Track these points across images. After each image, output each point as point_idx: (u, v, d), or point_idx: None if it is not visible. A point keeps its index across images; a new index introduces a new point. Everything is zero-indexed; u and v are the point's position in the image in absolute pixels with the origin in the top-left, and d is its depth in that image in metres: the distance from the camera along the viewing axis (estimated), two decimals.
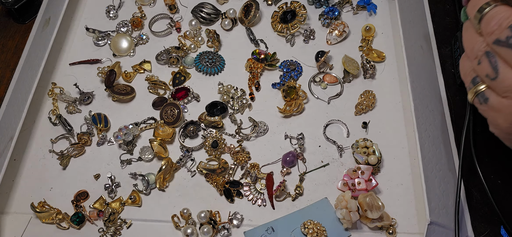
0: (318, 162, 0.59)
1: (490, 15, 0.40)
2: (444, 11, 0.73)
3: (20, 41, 0.75)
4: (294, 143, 0.60)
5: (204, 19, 0.72)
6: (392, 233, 0.53)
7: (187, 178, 0.59)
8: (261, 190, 0.57)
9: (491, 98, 0.41)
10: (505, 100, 0.40)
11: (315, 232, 0.52)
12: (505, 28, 0.39)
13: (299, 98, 0.63)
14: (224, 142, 0.60)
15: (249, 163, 0.59)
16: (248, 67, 0.67)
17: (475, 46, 0.42)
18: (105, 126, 0.62)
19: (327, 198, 0.56)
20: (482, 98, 0.42)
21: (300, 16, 0.70)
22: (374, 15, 0.72)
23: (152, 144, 0.59)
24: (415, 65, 0.62)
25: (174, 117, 0.62)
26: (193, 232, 0.53)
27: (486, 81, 0.41)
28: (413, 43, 0.64)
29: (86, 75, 0.69)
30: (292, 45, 0.70)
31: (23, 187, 0.59)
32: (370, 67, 0.65)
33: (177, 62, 0.68)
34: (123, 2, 0.76)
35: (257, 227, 0.54)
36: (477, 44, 0.42)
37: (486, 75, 0.40)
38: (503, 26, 0.39)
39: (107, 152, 0.61)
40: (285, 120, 0.63)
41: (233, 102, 0.64)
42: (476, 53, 0.41)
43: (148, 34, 0.73)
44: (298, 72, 0.67)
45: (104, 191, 0.58)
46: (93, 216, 0.55)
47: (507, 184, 0.57)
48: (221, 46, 0.71)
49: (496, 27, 0.39)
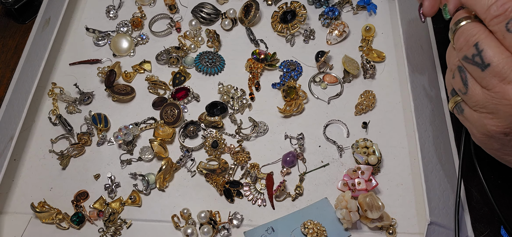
0: (318, 162, 0.59)
1: (460, 31, 0.41)
2: None
3: (20, 41, 0.75)
4: (294, 143, 0.60)
5: (204, 19, 0.72)
6: (392, 233, 0.53)
7: (187, 178, 0.59)
8: (261, 190, 0.57)
9: (466, 110, 0.43)
10: (475, 114, 0.41)
11: (315, 232, 0.52)
12: (471, 45, 0.39)
13: (299, 98, 0.63)
14: (224, 142, 0.60)
15: (249, 163, 0.59)
16: (248, 67, 0.67)
17: (451, 59, 0.43)
18: (105, 126, 0.62)
19: (327, 198, 0.56)
20: (459, 109, 0.44)
21: (300, 16, 0.70)
22: (374, 15, 0.72)
23: (152, 144, 0.59)
24: (415, 65, 0.62)
25: (174, 117, 0.62)
26: (193, 232, 0.53)
27: (459, 94, 0.43)
28: (413, 43, 0.64)
29: (86, 75, 0.69)
30: (292, 45, 0.70)
31: (23, 187, 0.59)
32: (370, 67, 0.65)
33: (177, 62, 0.68)
34: (123, 2, 0.76)
35: (257, 227, 0.54)
36: (452, 57, 0.43)
37: (459, 90, 0.42)
38: (470, 43, 0.39)
39: (107, 152, 0.61)
40: (285, 120, 0.63)
41: (233, 102, 0.64)
42: (451, 67, 0.43)
43: (148, 34, 0.73)
44: (298, 72, 0.67)
45: (104, 191, 0.58)
46: (93, 216, 0.55)
47: (507, 184, 0.57)
48: (221, 46, 0.71)
49: (464, 43, 0.40)
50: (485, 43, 0.39)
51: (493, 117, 0.40)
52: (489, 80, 0.38)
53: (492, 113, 0.39)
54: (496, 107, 0.39)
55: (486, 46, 0.39)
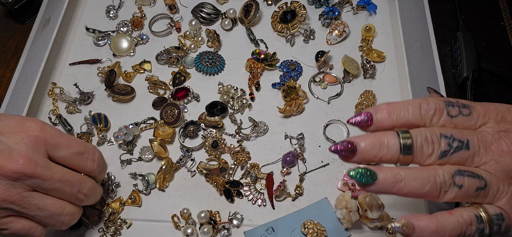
0: (318, 162, 0.59)
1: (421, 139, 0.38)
2: (444, 11, 0.73)
3: (20, 41, 0.75)
4: (294, 143, 0.60)
5: (204, 19, 0.72)
6: (392, 233, 0.53)
7: (187, 178, 0.59)
8: (261, 190, 0.57)
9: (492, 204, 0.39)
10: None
11: (315, 232, 0.52)
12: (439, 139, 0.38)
13: (299, 98, 0.63)
14: (224, 142, 0.60)
15: (249, 163, 0.59)
16: (248, 67, 0.67)
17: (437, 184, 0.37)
18: (105, 126, 0.62)
19: (327, 198, 0.56)
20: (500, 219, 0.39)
21: (300, 16, 0.70)
22: (374, 15, 0.72)
23: (152, 144, 0.59)
24: (415, 65, 0.61)
25: (174, 117, 0.62)
26: (193, 232, 0.53)
27: (478, 197, 0.38)
28: (413, 43, 0.64)
29: (86, 75, 0.69)
30: (292, 45, 0.70)
31: None
32: (370, 67, 0.65)
33: (177, 62, 0.68)
34: (123, 2, 0.76)
35: (257, 227, 0.54)
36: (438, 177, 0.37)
37: (477, 188, 0.37)
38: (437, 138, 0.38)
39: (107, 152, 0.61)
40: (285, 120, 0.63)
41: (233, 102, 0.64)
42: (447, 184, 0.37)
43: (148, 34, 0.73)
44: (298, 72, 0.67)
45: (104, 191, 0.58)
46: (93, 218, 0.55)
47: None
48: (221, 46, 0.71)
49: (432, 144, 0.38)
50: (446, 131, 0.38)
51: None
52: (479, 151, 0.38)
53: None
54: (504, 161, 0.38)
55: (450, 132, 0.38)
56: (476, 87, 0.65)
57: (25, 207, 0.44)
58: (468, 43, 0.65)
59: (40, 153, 0.45)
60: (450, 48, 0.69)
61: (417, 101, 0.40)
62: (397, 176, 0.37)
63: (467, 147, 0.38)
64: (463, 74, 0.63)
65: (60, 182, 0.45)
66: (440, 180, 0.37)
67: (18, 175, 0.43)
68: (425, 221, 0.38)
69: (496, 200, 0.38)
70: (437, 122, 0.39)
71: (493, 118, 0.40)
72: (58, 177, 0.45)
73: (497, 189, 0.38)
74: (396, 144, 0.38)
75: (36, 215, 0.45)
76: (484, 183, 0.37)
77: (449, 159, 0.38)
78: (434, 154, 0.38)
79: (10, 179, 0.43)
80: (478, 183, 0.37)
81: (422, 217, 0.38)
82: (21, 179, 0.43)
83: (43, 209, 0.45)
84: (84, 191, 0.48)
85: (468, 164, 0.38)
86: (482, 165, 0.38)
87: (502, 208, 0.38)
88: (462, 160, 0.38)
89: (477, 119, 0.40)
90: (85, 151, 0.49)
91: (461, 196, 0.38)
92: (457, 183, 0.37)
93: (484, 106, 0.41)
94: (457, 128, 0.39)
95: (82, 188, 0.48)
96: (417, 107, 0.40)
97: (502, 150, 0.38)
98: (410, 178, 0.37)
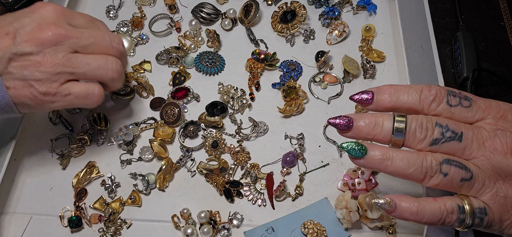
0: (318, 162, 0.59)
1: (413, 127, 0.39)
2: (444, 11, 0.73)
3: None
4: (294, 143, 0.60)
5: (204, 19, 0.72)
6: (392, 233, 0.53)
7: (187, 178, 0.59)
8: (261, 190, 0.57)
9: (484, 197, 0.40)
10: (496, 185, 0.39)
11: (315, 232, 0.52)
12: (433, 127, 0.39)
13: (299, 98, 0.63)
14: (224, 142, 0.60)
15: (249, 163, 0.59)
16: (248, 67, 0.67)
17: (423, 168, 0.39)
18: (105, 126, 0.62)
19: (327, 198, 0.56)
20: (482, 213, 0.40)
21: (300, 16, 0.70)
22: (374, 15, 0.72)
23: (152, 144, 0.59)
24: (415, 65, 0.62)
25: (174, 117, 0.62)
26: (193, 232, 0.53)
27: (462, 187, 0.39)
28: (413, 43, 0.64)
29: None
30: (292, 45, 0.70)
31: (23, 187, 0.59)
32: (370, 67, 0.65)
33: (177, 62, 0.68)
34: (123, 2, 0.76)
35: (257, 227, 0.54)
36: (425, 162, 0.39)
37: (462, 179, 0.39)
38: (432, 126, 0.39)
39: (107, 152, 0.61)
40: (285, 120, 0.63)
41: (233, 102, 0.64)
42: (433, 170, 0.39)
43: (148, 34, 0.73)
44: (298, 72, 0.67)
45: (104, 191, 0.58)
46: (94, 220, 0.55)
47: None
48: (221, 46, 0.71)
49: (425, 131, 0.39)
50: (443, 120, 0.40)
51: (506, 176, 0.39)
52: (472, 145, 0.39)
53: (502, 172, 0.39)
54: (494, 159, 0.39)
55: (446, 122, 0.39)
56: (476, 87, 0.65)
57: (75, 66, 0.50)
58: (468, 43, 0.65)
59: (63, 21, 0.51)
60: (450, 48, 0.69)
61: (420, 86, 0.41)
62: (386, 155, 0.40)
63: (460, 139, 0.39)
64: (463, 74, 0.64)
65: (92, 37, 0.51)
66: (426, 165, 0.39)
67: (55, 38, 0.48)
68: (407, 202, 0.40)
69: (481, 194, 0.39)
70: (435, 108, 0.41)
71: (493, 115, 0.40)
72: (89, 33, 0.51)
73: (482, 184, 0.39)
74: (390, 126, 0.40)
75: (86, 71, 0.50)
76: (470, 175, 0.39)
77: (439, 148, 0.39)
78: (426, 140, 0.39)
79: (51, 46, 0.48)
80: (464, 174, 0.39)
81: (405, 198, 0.40)
82: (59, 41, 0.48)
83: (90, 62, 0.51)
84: (116, 41, 0.54)
85: (458, 155, 0.40)
86: (472, 159, 0.40)
87: (486, 203, 0.39)
88: (452, 150, 0.39)
89: (476, 113, 0.41)
90: (95, 19, 0.56)
91: (445, 184, 0.39)
92: (443, 171, 0.39)
93: (486, 102, 0.41)
94: (454, 118, 0.40)
95: (113, 39, 0.53)
96: (418, 92, 0.41)
97: (495, 147, 0.39)
98: (398, 158, 0.39)
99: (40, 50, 0.48)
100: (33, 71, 0.48)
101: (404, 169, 0.39)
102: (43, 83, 0.48)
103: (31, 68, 0.48)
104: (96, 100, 0.53)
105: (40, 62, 0.48)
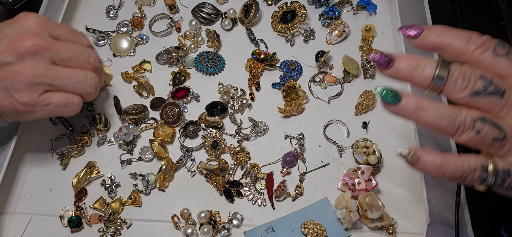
0: (318, 162, 0.59)
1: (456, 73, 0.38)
2: (444, 11, 0.73)
3: None
4: (294, 143, 0.60)
5: (204, 19, 0.72)
6: (392, 233, 0.53)
7: (187, 178, 0.59)
8: (261, 190, 0.57)
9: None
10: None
11: (315, 232, 0.52)
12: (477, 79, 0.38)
13: (299, 98, 0.63)
14: (224, 142, 0.60)
15: (249, 163, 0.59)
16: (248, 67, 0.67)
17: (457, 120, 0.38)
18: (105, 126, 0.62)
19: (327, 198, 0.56)
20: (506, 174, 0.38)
21: (300, 16, 0.70)
22: (374, 15, 0.72)
23: (152, 144, 0.59)
24: None
25: (174, 117, 0.62)
26: (193, 232, 0.53)
27: (493, 147, 0.38)
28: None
29: None
30: (292, 45, 0.70)
31: (23, 187, 0.59)
32: (370, 67, 0.65)
33: (177, 62, 0.68)
34: (123, 2, 0.76)
35: (257, 227, 0.54)
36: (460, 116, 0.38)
37: (493, 138, 0.37)
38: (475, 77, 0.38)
39: (107, 152, 0.61)
40: (285, 120, 0.63)
41: (233, 102, 0.64)
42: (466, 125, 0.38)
43: (148, 34, 0.73)
44: (298, 72, 0.67)
45: (104, 191, 0.58)
46: (94, 220, 0.55)
47: None
48: (221, 46, 0.71)
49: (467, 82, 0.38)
50: (488, 74, 0.38)
51: None
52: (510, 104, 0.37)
53: None
54: None
55: (491, 76, 0.38)
56: None
57: (55, 78, 0.50)
58: None
59: (44, 32, 0.51)
60: None
61: (470, 32, 0.40)
62: (420, 104, 0.38)
63: (502, 95, 0.38)
64: None
65: (71, 51, 0.52)
66: (460, 120, 0.38)
67: (34, 48, 0.49)
68: (430, 156, 0.39)
69: (509, 155, 0.38)
70: (479, 54, 0.39)
71: None
72: (68, 47, 0.52)
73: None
74: (431, 72, 0.38)
75: (66, 84, 0.52)
76: (503, 135, 0.37)
77: (478, 100, 0.38)
78: (466, 90, 0.38)
79: (30, 56, 0.49)
80: (497, 133, 0.37)
81: (429, 152, 0.39)
82: (39, 52, 0.49)
83: (70, 76, 0.52)
84: (93, 57, 0.55)
85: (495, 112, 0.38)
86: (507, 117, 0.38)
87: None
88: (490, 105, 0.38)
89: None
90: (76, 31, 0.56)
91: (476, 141, 0.38)
92: (476, 128, 0.37)
93: None
94: (495, 68, 0.39)
95: (90, 55, 0.54)
96: (466, 38, 0.39)
97: None
98: (431, 109, 0.38)
99: (20, 60, 0.48)
100: (14, 81, 0.48)
101: (437, 121, 0.38)
102: (23, 93, 0.49)
103: (12, 78, 0.48)
104: (76, 109, 0.54)
105: (20, 72, 0.48)
